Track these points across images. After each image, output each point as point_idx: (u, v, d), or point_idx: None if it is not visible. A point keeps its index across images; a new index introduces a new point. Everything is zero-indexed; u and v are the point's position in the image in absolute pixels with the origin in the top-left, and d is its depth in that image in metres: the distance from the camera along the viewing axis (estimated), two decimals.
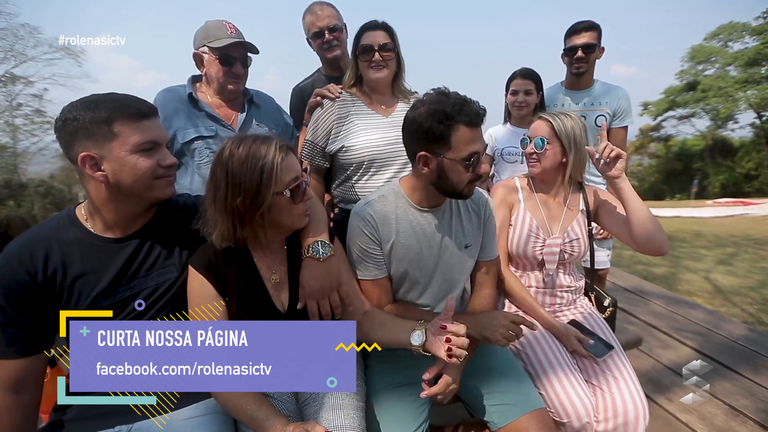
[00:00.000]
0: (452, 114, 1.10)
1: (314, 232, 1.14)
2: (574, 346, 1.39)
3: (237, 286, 1.09)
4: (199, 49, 1.62)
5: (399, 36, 1.68)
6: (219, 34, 1.59)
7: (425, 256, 1.29)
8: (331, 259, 1.12)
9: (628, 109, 2.19)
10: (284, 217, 1.06)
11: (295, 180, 1.04)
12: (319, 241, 1.12)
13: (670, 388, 2.12)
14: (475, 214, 1.36)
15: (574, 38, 2.13)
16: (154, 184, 1.03)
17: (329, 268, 1.12)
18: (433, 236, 1.29)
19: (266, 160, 0.99)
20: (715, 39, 26.91)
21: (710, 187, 25.61)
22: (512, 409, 1.19)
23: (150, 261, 1.11)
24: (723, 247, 6.86)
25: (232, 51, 1.61)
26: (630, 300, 3.18)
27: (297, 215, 1.08)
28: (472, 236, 1.34)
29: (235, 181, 0.98)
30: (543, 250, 1.51)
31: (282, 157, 1.01)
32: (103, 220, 1.06)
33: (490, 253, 1.40)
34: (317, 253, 1.10)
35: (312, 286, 1.10)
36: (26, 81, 19.05)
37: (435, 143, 1.13)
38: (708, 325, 2.77)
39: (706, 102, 26.24)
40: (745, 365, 2.30)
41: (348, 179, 1.72)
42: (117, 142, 0.97)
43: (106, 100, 0.99)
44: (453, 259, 1.32)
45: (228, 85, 1.65)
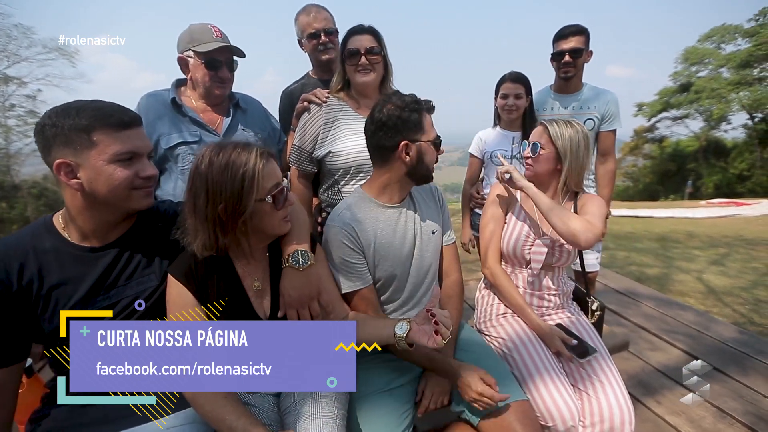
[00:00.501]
0: (420, 101, 1.27)
1: (295, 241, 1.14)
2: (557, 347, 1.40)
3: (218, 294, 1.08)
4: (184, 53, 1.60)
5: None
6: (204, 38, 1.57)
7: (405, 249, 1.35)
8: (311, 268, 1.12)
9: (617, 112, 2.20)
10: (266, 223, 1.06)
11: (276, 186, 1.04)
12: (300, 250, 1.12)
13: (659, 391, 2.12)
14: (432, 201, 1.47)
15: (561, 43, 2.13)
16: (131, 195, 1.02)
17: (309, 277, 1.11)
18: (406, 228, 1.36)
19: (247, 167, 0.99)
20: (708, 41, 27.19)
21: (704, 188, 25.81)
22: None
23: (129, 270, 1.09)
24: (716, 248, 6.90)
25: (218, 55, 1.60)
26: (621, 302, 3.18)
27: (279, 221, 1.08)
28: (435, 222, 1.45)
29: (216, 189, 0.98)
30: (531, 250, 1.52)
31: (263, 163, 1.01)
32: (80, 229, 1.05)
33: (450, 236, 1.52)
34: (297, 263, 1.10)
35: (292, 295, 1.09)
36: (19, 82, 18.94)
37: (413, 130, 1.26)
38: (698, 326, 2.78)
39: (700, 103, 26.50)
40: (734, 367, 2.31)
41: (335, 184, 1.72)
42: (95, 151, 0.96)
43: (88, 107, 0.98)
44: (425, 245, 1.39)
45: (214, 90, 1.64)
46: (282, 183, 1.06)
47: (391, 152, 1.27)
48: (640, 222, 11.49)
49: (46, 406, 1.09)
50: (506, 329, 1.50)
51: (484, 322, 1.61)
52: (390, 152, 1.27)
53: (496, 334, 1.52)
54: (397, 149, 1.26)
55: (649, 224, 10.77)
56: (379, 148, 1.30)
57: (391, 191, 1.35)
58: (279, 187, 1.04)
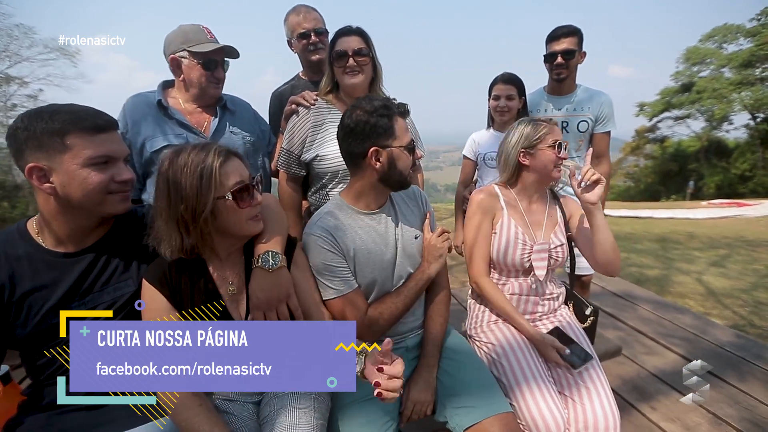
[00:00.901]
0: (390, 107, 1.22)
1: (267, 241, 1.12)
2: (551, 356, 1.37)
3: (192, 298, 1.07)
4: (177, 53, 1.58)
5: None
6: (199, 38, 1.56)
7: (386, 255, 1.32)
8: (281, 270, 1.09)
9: (611, 114, 2.18)
10: (231, 222, 1.04)
11: (238, 183, 1.02)
12: (270, 251, 1.09)
13: (654, 396, 2.09)
14: (414, 206, 1.44)
15: (554, 44, 2.11)
16: (106, 199, 1.00)
17: (278, 279, 1.09)
18: (386, 234, 1.33)
19: (205, 164, 0.99)
20: (709, 41, 27.10)
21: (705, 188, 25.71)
22: (474, 412, 1.18)
23: (106, 275, 1.08)
24: (716, 249, 6.86)
25: (213, 55, 1.59)
26: (617, 305, 3.15)
27: (244, 220, 1.05)
28: (417, 226, 1.41)
29: (176, 189, 0.98)
30: (531, 256, 1.49)
31: (222, 161, 1.00)
32: (55, 234, 1.03)
33: None
34: (266, 264, 1.08)
35: (259, 297, 1.07)
36: (21, 81, 18.96)
37: (383, 136, 1.21)
38: (695, 330, 2.75)
39: (701, 103, 26.42)
40: (731, 372, 2.28)
41: (323, 187, 1.70)
42: (69, 155, 0.94)
43: (61, 111, 0.96)
44: (408, 250, 1.36)
45: (210, 90, 1.63)
46: (246, 181, 1.04)
47: (362, 159, 1.24)
48: (640, 223, 11.45)
49: (23, 413, 1.07)
50: (496, 335, 1.48)
51: (474, 327, 1.59)
52: (360, 159, 1.24)
53: (486, 340, 1.49)
54: (367, 156, 1.22)
55: (649, 225, 10.72)
56: (349, 154, 1.27)
57: (367, 198, 1.32)
58: (242, 185, 1.03)
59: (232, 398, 1.15)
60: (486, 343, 1.48)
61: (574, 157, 2.23)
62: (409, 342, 1.41)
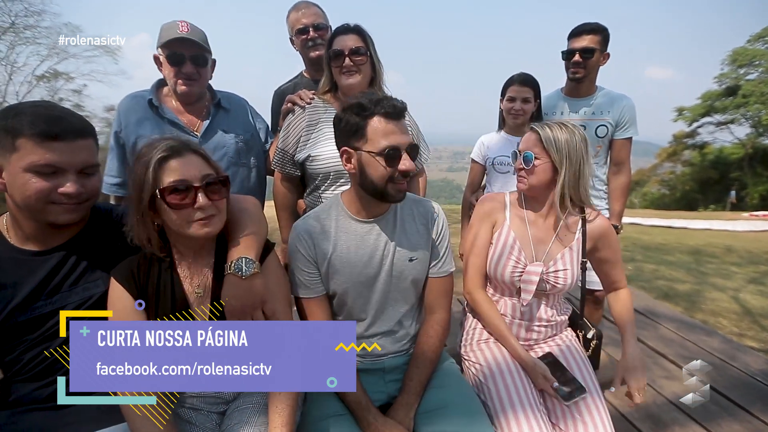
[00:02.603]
0: (368, 106, 1.11)
1: (241, 247, 1.06)
2: (540, 385, 1.25)
3: (156, 297, 1.04)
4: (156, 52, 1.56)
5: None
6: (170, 33, 1.51)
7: (367, 269, 1.23)
8: (254, 277, 1.04)
9: (633, 119, 2.02)
10: (171, 221, 1.00)
11: (173, 182, 0.96)
12: (244, 257, 1.04)
13: (669, 426, 1.93)
14: (422, 226, 1.28)
15: (574, 41, 1.98)
16: (47, 208, 0.97)
17: (251, 287, 1.04)
18: (374, 247, 1.23)
19: (148, 157, 0.97)
20: (759, 41, 25.44)
21: (748, 199, 24.17)
22: None
23: (75, 275, 1.06)
24: (756, 265, 6.40)
25: (179, 48, 1.52)
26: (638, 322, 2.94)
27: (183, 222, 0.99)
28: (419, 249, 1.26)
29: (131, 178, 0.99)
30: (521, 277, 1.36)
31: (164, 156, 0.97)
32: (22, 231, 1.02)
33: (442, 268, 1.32)
34: (239, 270, 1.02)
35: (233, 305, 1.02)
36: (67, 77, 20.19)
37: (353, 137, 1.13)
38: (723, 355, 2.53)
39: (747, 108, 24.83)
40: (760, 404, 2.08)
41: (316, 189, 1.65)
42: (16, 156, 0.93)
43: (27, 111, 0.95)
44: (396, 271, 1.25)
45: (179, 87, 1.56)
46: (187, 181, 0.98)
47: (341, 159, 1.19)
48: (674, 233, 10.85)
49: None
50: (486, 355, 1.37)
51: (465, 345, 1.48)
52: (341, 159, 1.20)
53: (474, 360, 1.39)
54: (342, 156, 1.17)
55: (683, 236, 10.14)
56: None
57: (358, 205, 1.24)
58: (175, 184, 0.96)
59: (197, 407, 1.12)
60: (474, 363, 1.38)
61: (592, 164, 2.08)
62: (387, 363, 1.31)
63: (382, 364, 1.30)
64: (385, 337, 1.29)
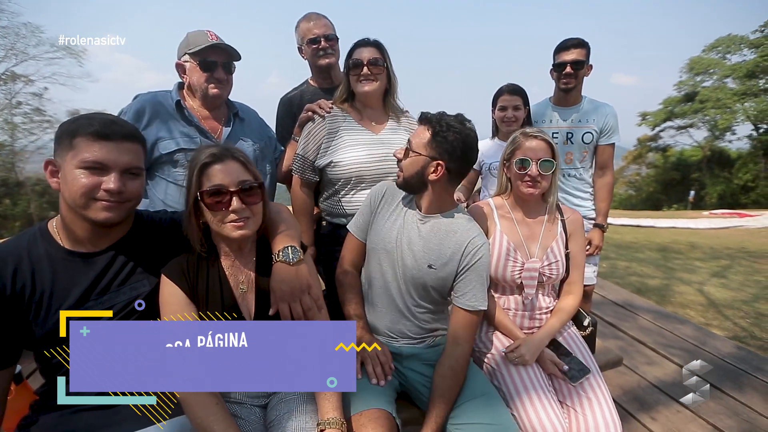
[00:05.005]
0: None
1: (285, 238, 1.17)
2: (549, 369, 1.39)
3: (206, 294, 1.11)
4: (181, 58, 1.61)
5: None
6: (199, 41, 1.58)
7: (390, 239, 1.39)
8: (300, 263, 1.14)
9: (615, 126, 2.20)
10: (210, 221, 1.10)
11: (213, 186, 1.06)
12: (290, 246, 1.14)
13: (654, 407, 2.11)
14: (454, 242, 1.32)
15: (564, 54, 2.14)
16: (89, 205, 1.02)
17: (299, 272, 1.13)
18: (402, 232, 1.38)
19: (194, 162, 1.08)
20: (713, 51, 27.12)
21: (707, 198, 25.65)
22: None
23: (123, 275, 1.11)
24: (718, 260, 6.85)
25: (212, 55, 1.59)
26: (618, 314, 3.17)
27: (220, 223, 1.08)
28: (439, 261, 1.32)
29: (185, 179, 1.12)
30: (522, 274, 1.48)
31: (207, 162, 1.07)
32: (72, 234, 1.06)
33: (470, 302, 1.29)
34: (287, 258, 1.12)
35: (283, 289, 1.11)
36: (27, 79, 19.12)
37: None
38: (695, 341, 2.77)
39: (704, 113, 26.39)
40: (730, 384, 2.30)
41: (335, 193, 1.73)
42: (71, 154, 1.00)
43: (86, 116, 1.03)
44: (411, 264, 1.34)
45: (210, 90, 1.61)
46: (226, 186, 1.06)
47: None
48: (642, 232, 11.44)
49: (35, 412, 1.09)
50: (496, 345, 1.49)
51: (475, 337, 1.59)
52: None
53: (486, 350, 1.50)
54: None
55: (651, 234, 10.71)
56: None
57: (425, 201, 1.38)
58: (214, 188, 1.05)
59: (240, 401, 1.17)
60: (486, 353, 1.50)
61: (579, 167, 2.25)
62: (404, 350, 1.40)
63: (399, 350, 1.39)
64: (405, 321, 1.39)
